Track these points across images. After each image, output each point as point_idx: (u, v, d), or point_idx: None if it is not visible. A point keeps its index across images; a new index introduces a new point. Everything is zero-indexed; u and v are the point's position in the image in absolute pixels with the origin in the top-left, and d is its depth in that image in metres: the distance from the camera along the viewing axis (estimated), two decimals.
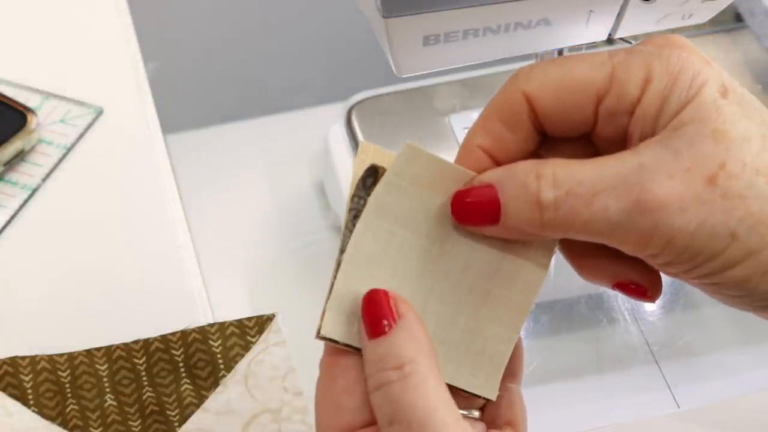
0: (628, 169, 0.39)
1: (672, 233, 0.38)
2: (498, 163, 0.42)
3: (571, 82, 0.41)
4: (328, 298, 0.41)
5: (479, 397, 0.43)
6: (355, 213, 0.41)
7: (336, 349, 0.41)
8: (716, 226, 0.38)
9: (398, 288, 0.41)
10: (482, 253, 0.42)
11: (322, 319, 0.41)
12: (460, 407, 0.42)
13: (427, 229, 0.41)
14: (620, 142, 0.42)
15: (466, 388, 0.42)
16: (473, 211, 0.41)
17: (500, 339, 0.42)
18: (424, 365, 0.39)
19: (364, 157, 0.41)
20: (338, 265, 0.41)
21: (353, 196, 0.41)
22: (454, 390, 0.42)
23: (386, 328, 0.39)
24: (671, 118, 0.39)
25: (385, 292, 0.40)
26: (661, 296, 0.44)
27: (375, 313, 0.40)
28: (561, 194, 0.39)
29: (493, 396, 0.43)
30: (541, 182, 0.39)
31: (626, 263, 0.43)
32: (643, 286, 0.43)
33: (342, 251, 0.41)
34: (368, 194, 0.41)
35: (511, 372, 0.44)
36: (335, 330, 0.41)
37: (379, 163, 0.41)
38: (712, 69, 0.40)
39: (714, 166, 0.38)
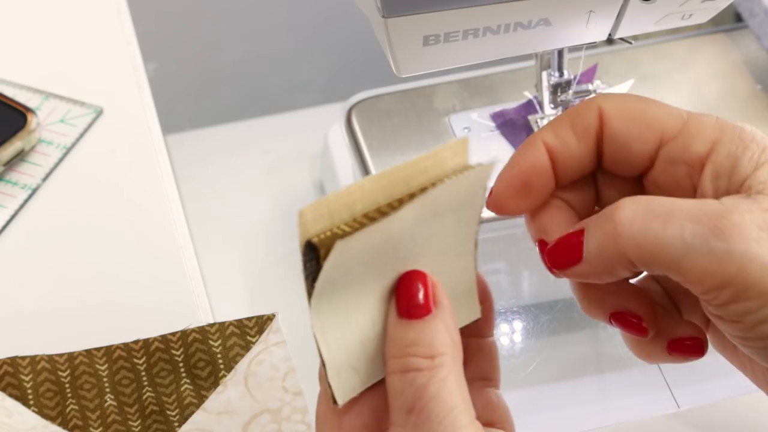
0: (706, 203, 0.40)
1: (745, 261, 0.38)
2: (555, 163, 0.43)
3: (644, 114, 0.43)
4: (324, 368, 0.40)
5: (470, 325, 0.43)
6: (312, 278, 0.39)
7: None
8: None
9: (372, 300, 0.41)
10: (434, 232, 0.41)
11: (330, 388, 0.40)
12: None
13: (384, 263, 0.40)
14: (671, 192, 0.43)
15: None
16: (560, 252, 0.42)
17: (463, 271, 0.43)
18: (452, 360, 0.39)
19: (303, 225, 0.38)
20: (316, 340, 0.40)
21: (305, 262, 0.39)
22: None
23: (422, 313, 0.39)
24: (744, 179, 0.41)
25: (426, 276, 0.40)
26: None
27: (413, 294, 0.39)
28: (639, 210, 0.40)
29: (478, 314, 0.43)
30: (620, 203, 0.40)
31: (625, 294, 0.44)
32: (639, 316, 0.44)
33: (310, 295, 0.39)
34: (313, 273, 0.39)
35: (485, 376, 0.44)
36: (348, 392, 0.40)
37: (327, 220, 0.39)
38: None
39: None
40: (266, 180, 0.83)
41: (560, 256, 0.42)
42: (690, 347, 0.45)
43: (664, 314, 0.46)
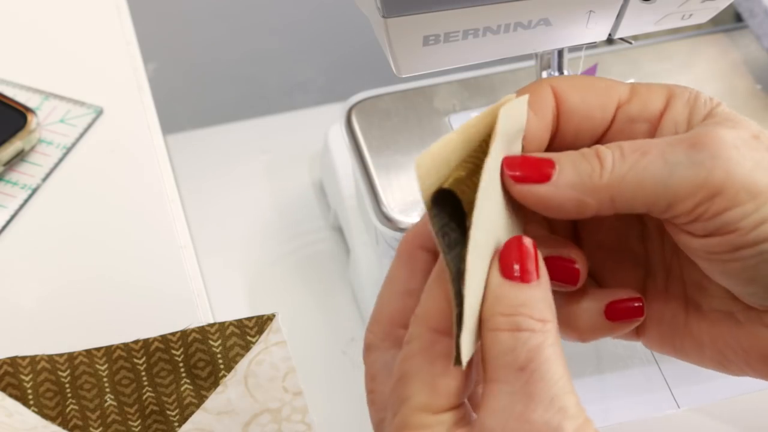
0: (672, 136, 0.41)
1: (730, 165, 0.39)
2: None
3: (595, 84, 0.44)
4: (458, 329, 0.39)
5: None
6: (447, 241, 0.39)
7: (439, 327, 0.40)
8: None
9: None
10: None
11: (459, 348, 0.39)
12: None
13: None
14: None
15: None
16: (527, 166, 0.41)
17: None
18: (556, 329, 0.39)
19: (422, 171, 0.39)
20: (459, 296, 0.39)
21: (434, 217, 0.39)
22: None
23: (531, 278, 0.39)
24: (702, 120, 0.42)
25: (532, 243, 0.40)
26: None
27: (525, 258, 0.40)
28: (617, 150, 0.41)
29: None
30: (595, 147, 0.42)
31: (556, 241, 0.44)
32: (572, 258, 0.44)
33: (454, 262, 0.39)
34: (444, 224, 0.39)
35: (479, 378, 0.44)
36: (468, 353, 0.39)
37: (442, 171, 0.40)
38: None
39: (755, 129, 0.41)
40: (266, 180, 0.83)
41: (526, 169, 0.41)
42: (631, 309, 0.45)
43: (599, 285, 0.46)
